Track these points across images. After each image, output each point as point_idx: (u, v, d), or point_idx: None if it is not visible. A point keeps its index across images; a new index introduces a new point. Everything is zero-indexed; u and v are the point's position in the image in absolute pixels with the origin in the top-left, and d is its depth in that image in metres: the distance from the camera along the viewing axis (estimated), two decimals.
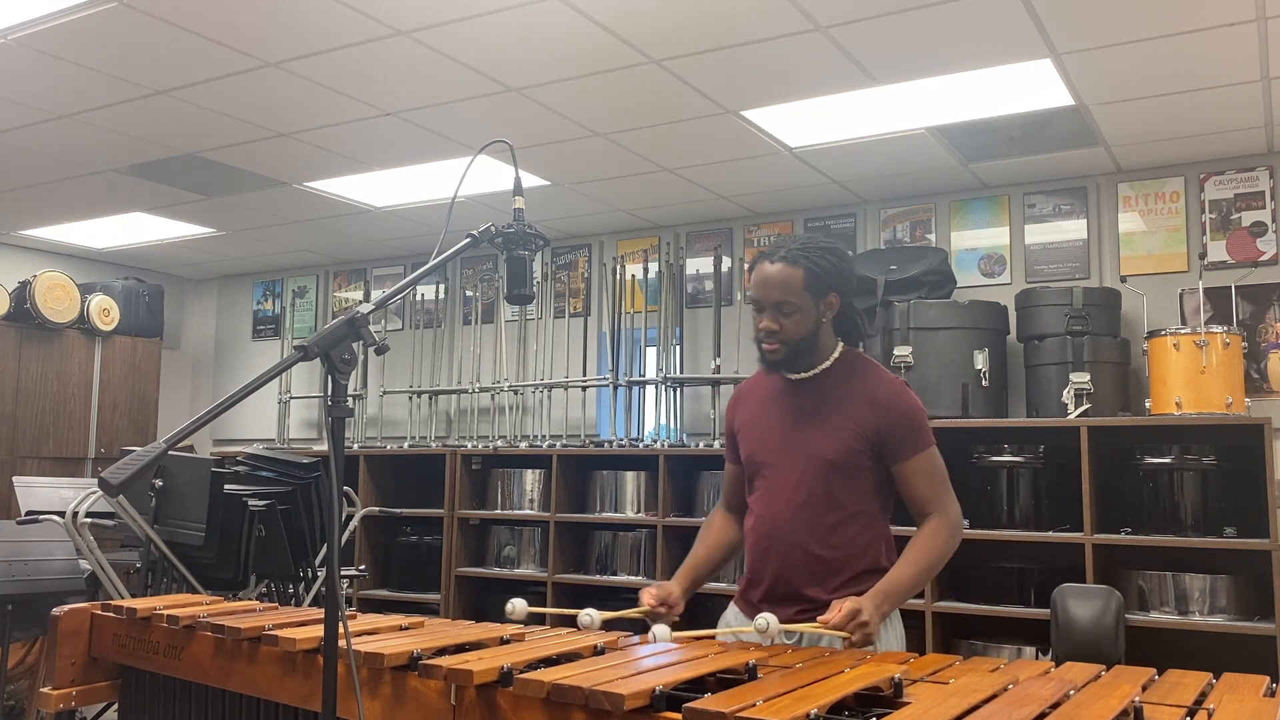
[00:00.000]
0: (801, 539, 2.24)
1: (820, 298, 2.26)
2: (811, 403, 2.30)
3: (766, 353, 2.28)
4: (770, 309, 2.25)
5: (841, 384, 2.29)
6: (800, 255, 2.24)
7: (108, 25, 3.42)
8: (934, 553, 2.21)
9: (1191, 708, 1.50)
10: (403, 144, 4.54)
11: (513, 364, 6.16)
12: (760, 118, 4.17)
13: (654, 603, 2.24)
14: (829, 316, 2.29)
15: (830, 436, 2.25)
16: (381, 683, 1.78)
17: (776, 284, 2.23)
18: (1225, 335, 4.03)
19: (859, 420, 2.24)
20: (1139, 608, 4.02)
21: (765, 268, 2.26)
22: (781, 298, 2.23)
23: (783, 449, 2.30)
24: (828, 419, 2.26)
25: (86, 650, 2.35)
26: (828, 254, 2.27)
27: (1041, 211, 4.96)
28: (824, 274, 2.24)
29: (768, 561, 2.28)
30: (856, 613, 2.01)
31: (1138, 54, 3.53)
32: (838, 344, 2.34)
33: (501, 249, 2.03)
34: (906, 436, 2.24)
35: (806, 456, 2.26)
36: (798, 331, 2.25)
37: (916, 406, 2.28)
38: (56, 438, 6.20)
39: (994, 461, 4.36)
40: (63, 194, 5.46)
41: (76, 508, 3.49)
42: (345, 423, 1.56)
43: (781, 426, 2.32)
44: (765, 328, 2.26)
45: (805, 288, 2.23)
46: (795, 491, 2.26)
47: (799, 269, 2.23)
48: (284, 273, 7.34)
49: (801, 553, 2.24)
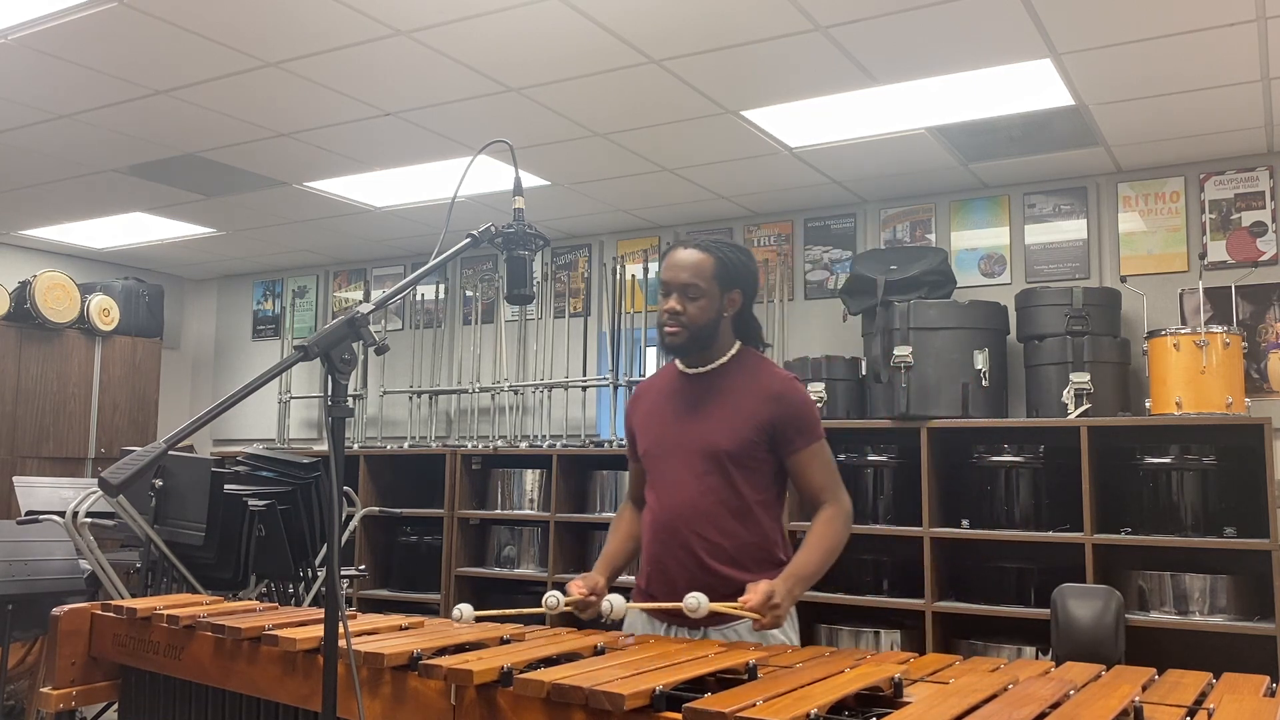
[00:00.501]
0: (701, 529, 2.29)
1: (726, 290, 2.34)
2: (707, 396, 2.36)
3: (667, 335, 2.34)
4: (677, 291, 2.32)
5: (736, 378, 2.36)
6: (713, 246, 2.35)
7: (108, 25, 3.42)
8: (833, 538, 2.29)
9: (1191, 708, 1.50)
10: (403, 144, 4.54)
11: (513, 364, 6.16)
12: (760, 118, 4.16)
13: (585, 592, 2.25)
14: (730, 312, 2.37)
15: (726, 428, 2.30)
16: (381, 683, 1.78)
17: (687, 267, 2.31)
18: (1225, 335, 4.03)
19: (754, 412, 2.29)
20: (1139, 608, 4.02)
21: (678, 252, 2.35)
22: (690, 280, 2.30)
23: (679, 442, 2.35)
24: (723, 411, 2.32)
25: (86, 650, 2.35)
26: (739, 252, 2.38)
27: (1041, 211, 4.96)
28: (732, 268, 2.34)
29: (669, 551, 2.32)
30: (770, 595, 2.07)
31: (1138, 54, 3.53)
32: (735, 342, 2.41)
33: (501, 249, 2.03)
34: (800, 428, 2.31)
35: (703, 448, 2.31)
36: (700, 317, 2.32)
37: (808, 400, 2.37)
38: (56, 438, 6.20)
39: (994, 461, 4.36)
40: (63, 194, 5.46)
41: (76, 508, 3.49)
42: (345, 423, 1.56)
43: (677, 420, 2.37)
44: (670, 309, 2.33)
45: (714, 275, 2.32)
46: (693, 483, 2.31)
47: (711, 256, 2.33)
48: (284, 273, 7.34)
49: (702, 542, 2.28)
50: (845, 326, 5.10)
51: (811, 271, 5.47)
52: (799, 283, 5.49)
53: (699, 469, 2.30)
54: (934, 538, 4.33)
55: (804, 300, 5.47)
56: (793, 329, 5.44)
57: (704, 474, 2.30)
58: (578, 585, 2.27)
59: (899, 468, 4.55)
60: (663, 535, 2.33)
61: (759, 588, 2.08)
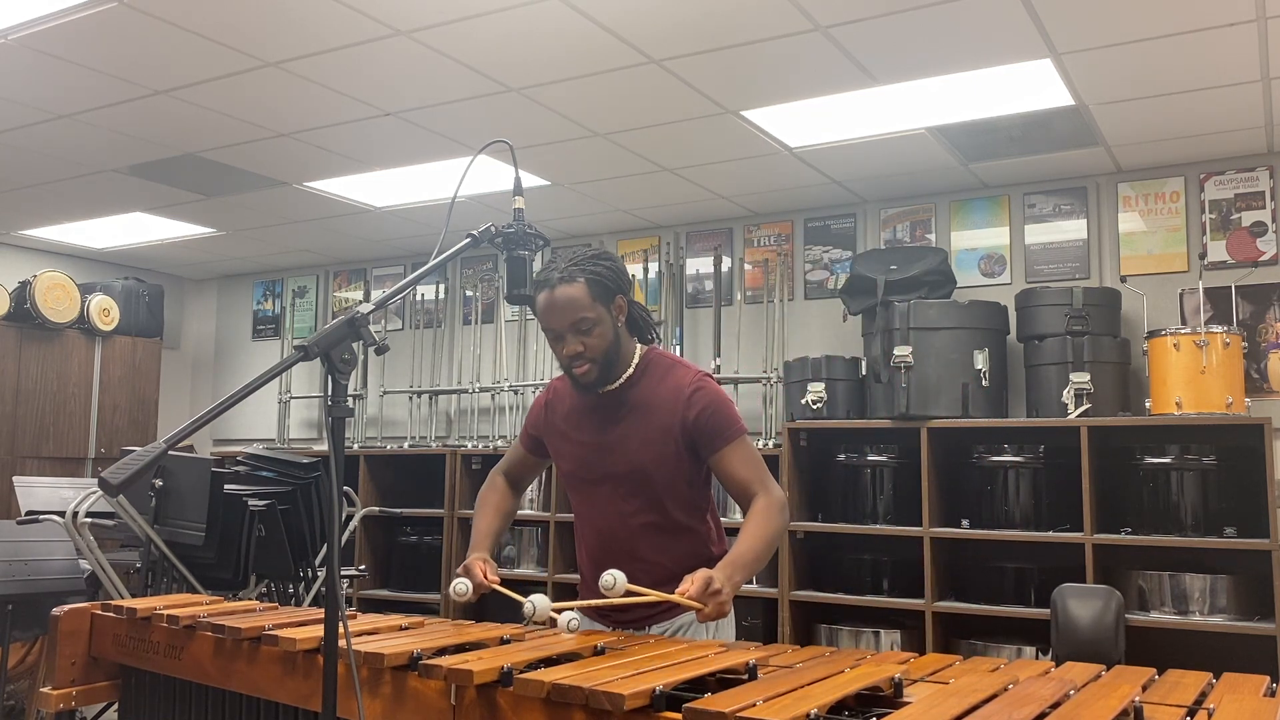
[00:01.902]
0: (637, 552, 2.27)
1: (609, 304, 2.26)
2: (619, 414, 2.31)
3: (578, 376, 2.27)
4: (569, 332, 2.23)
5: (647, 390, 2.30)
6: (576, 270, 2.22)
7: (108, 25, 3.42)
8: (770, 528, 2.20)
9: (1191, 708, 1.50)
10: (403, 144, 4.54)
11: (513, 364, 6.16)
12: (760, 118, 4.16)
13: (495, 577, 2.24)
14: (622, 320, 2.30)
15: (646, 447, 2.26)
16: (381, 683, 1.78)
17: (566, 306, 2.21)
18: (1225, 335, 4.03)
19: (669, 422, 2.25)
20: (1139, 608, 4.02)
21: (547, 296, 2.23)
22: (576, 316, 2.21)
23: (601, 467, 2.32)
24: (640, 428, 2.28)
25: (86, 650, 2.35)
26: (599, 260, 2.26)
27: (1041, 211, 4.96)
28: (605, 279, 2.24)
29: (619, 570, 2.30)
30: (710, 583, 2.01)
31: (1138, 54, 3.53)
32: (635, 346, 2.35)
33: (501, 249, 2.03)
34: (717, 428, 2.24)
35: (628, 472, 2.28)
36: (602, 344, 2.24)
37: (721, 398, 2.28)
38: (56, 438, 6.20)
39: (994, 461, 4.36)
40: (63, 194, 5.46)
41: (76, 508, 3.49)
42: (345, 423, 1.56)
43: (596, 444, 2.33)
44: (570, 353, 2.23)
45: (594, 299, 2.22)
46: (621, 507, 2.29)
47: (580, 283, 2.22)
48: (284, 273, 7.34)
49: (640, 564, 2.23)
50: (845, 326, 5.10)
51: (811, 271, 5.47)
52: (799, 283, 5.49)
53: (624, 492, 2.28)
54: (934, 538, 4.33)
55: (804, 300, 5.47)
56: (793, 329, 5.44)
57: (630, 497, 2.28)
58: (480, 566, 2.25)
59: (899, 468, 4.55)
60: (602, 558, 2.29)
61: (697, 576, 2.02)
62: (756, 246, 5.62)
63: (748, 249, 5.64)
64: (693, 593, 2.00)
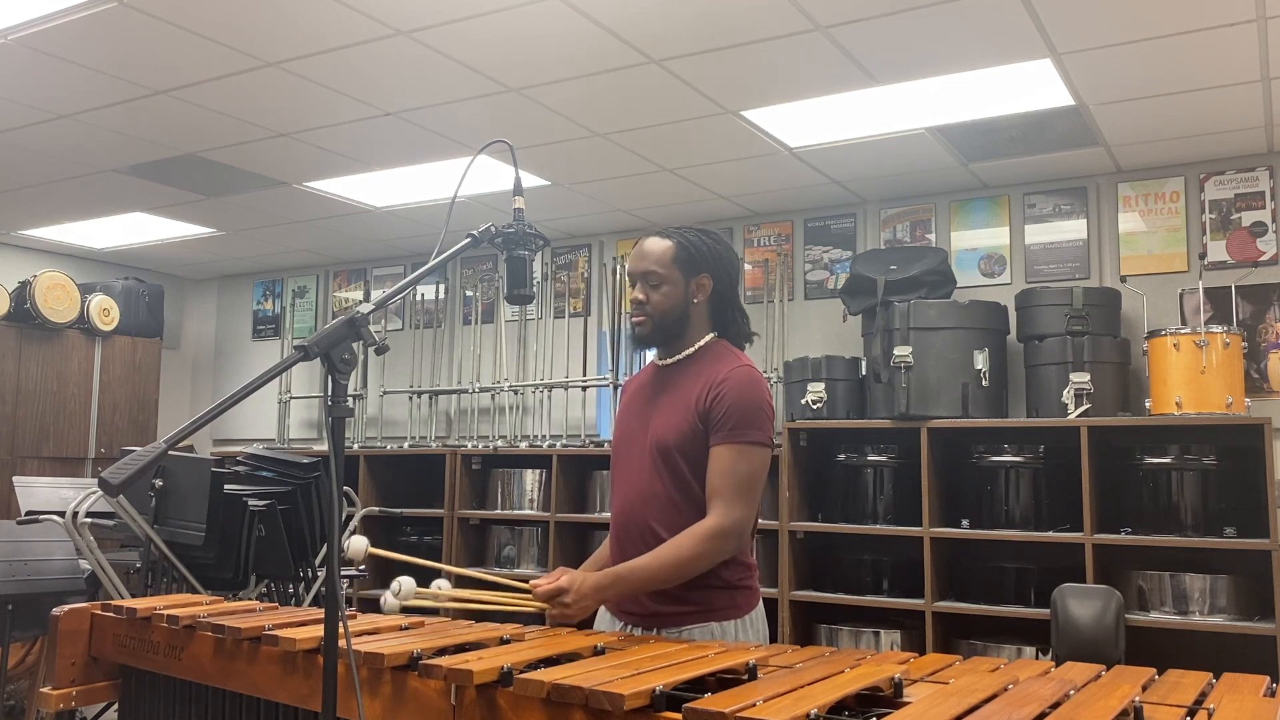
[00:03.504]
0: (655, 525, 2.22)
1: (691, 275, 2.26)
2: (666, 388, 2.31)
3: (634, 326, 2.29)
4: (640, 280, 2.27)
5: (696, 369, 2.28)
6: (675, 232, 2.29)
7: (108, 25, 3.42)
8: (689, 554, 2.11)
9: (1191, 708, 1.50)
10: (403, 144, 4.54)
11: (513, 364, 6.16)
12: (760, 118, 4.16)
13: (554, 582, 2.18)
14: (700, 298, 2.28)
15: (672, 420, 2.24)
16: (381, 683, 1.78)
17: (648, 255, 2.27)
18: (1225, 335, 4.03)
19: (694, 400, 2.22)
20: (1139, 608, 4.02)
21: (642, 242, 2.30)
22: (651, 267, 2.25)
23: (634, 437, 2.32)
24: (673, 403, 2.26)
25: (86, 650, 2.35)
26: (705, 236, 2.30)
27: (1041, 211, 4.96)
28: (695, 251, 2.26)
29: (631, 547, 2.27)
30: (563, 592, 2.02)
31: (1138, 54, 3.53)
32: (708, 333, 2.32)
33: (501, 249, 2.03)
34: (727, 421, 2.17)
35: (651, 442, 2.26)
36: (664, 304, 2.25)
37: (752, 399, 2.19)
38: (56, 438, 6.20)
39: (994, 461, 4.36)
40: (63, 194, 5.46)
41: (76, 508, 3.49)
42: (345, 423, 1.56)
43: (638, 415, 2.34)
44: (634, 299, 2.28)
45: (674, 260, 2.25)
46: (641, 477, 2.27)
47: (670, 241, 2.27)
48: (284, 273, 7.34)
49: (651, 538, 2.20)
50: (845, 326, 5.10)
51: (811, 271, 5.47)
52: (799, 283, 5.49)
53: (648, 464, 2.25)
54: (934, 538, 4.33)
55: (804, 300, 5.47)
56: (793, 329, 5.44)
57: (653, 469, 2.24)
58: None
59: (899, 468, 4.55)
60: (621, 533, 2.30)
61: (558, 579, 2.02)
62: (756, 246, 5.62)
63: (748, 249, 5.64)
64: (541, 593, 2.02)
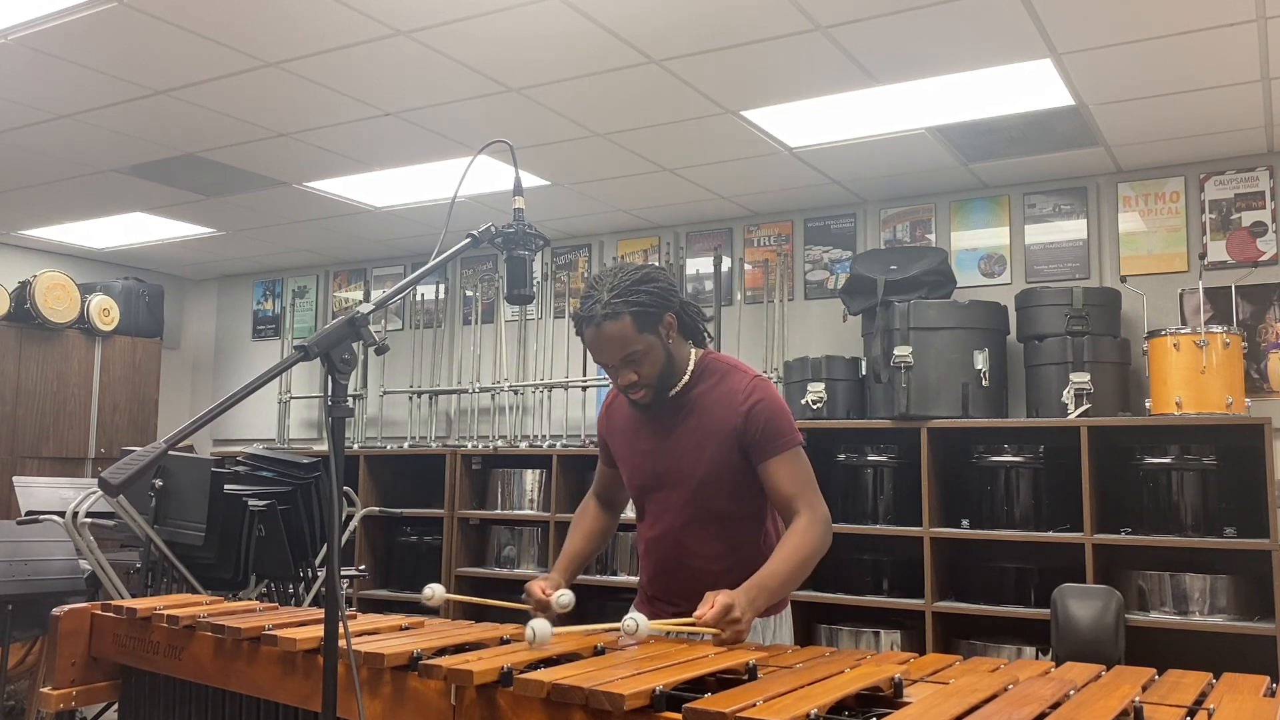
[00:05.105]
0: (694, 559, 2.28)
1: (657, 329, 2.22)
2: (679, 418, 2.30)
3: (636, 400, 2.28)
4: (620, 366, 2.22)
5: (704, 393, 2.28)
6: (620, 305, 2.16)
7: (108, 25, 3.42)
8: (807, 549, 2.17)
9: (1191, 708, 1.50)
10: (403, 144, 4.54)
11: (513, 364, 6.16)
12: (760, 118, 4.16)
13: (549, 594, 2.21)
14: (673, 335, 2.26)
15: (699, 452, 2.25)
16: (381, 683, 1.78)
17: (613, 342, 2.18)
18: (1225, 335, 4.03)
19: (723, 427, 2.23)
20: (1139, 608, 4.02)
21: (594, 333, 2.19)
22: (626, 351, 2.19)
23: (662, 472, 2.31)
24: (695, 434, 2.27)
25: (86, 650, 2.35)
26: (641, 287, 2.19)
27: (1041, 211, 4.96)
28: (650, 307, 2.19)
29: (670, 574, 2.33)
30: (729, 608, 1.98)
31: (1138, 54, 3.53)
32: (690, 352, 2.33)
33: (501, 249, 2.03)
34: (768, 435, 2.21)
35: (683, 476, 2.27)
36: (655, 369, 2.23)
37: (777, 405, 2.25)
38: (56, 438, 6.20)
39: (994, 461, 4.36)
40: (63, 194, 5.46)
41: (76, 508, 3.49)
42: (345, 423, 1.56)
43: (654, 449, 2.33)
44: (625, 383, 2.23)
45: (641, 330, 2.18)
46: (680, 513, 2.29)
47: (625, 318, 2.16)
48: (284, 273, 7.34)
49: (698, 570, 2.26)
50: (845, 326, 5.10)
51: (811, 271, 5.47)
52: (799, 283, 5.49)
53: (683, 500, 2.28)
54: (934, 538, 4.33)
55: (804, 300, 5.47)
56: (793, 329, 5.44)
57: (688, 504, 2.27)
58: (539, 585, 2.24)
59: (899, 468, 4.55)
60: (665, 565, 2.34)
61: (717, 599, 1.98)
62: (756, 246, 5.62)
63: (748, 249, 5.64)
64: (709, 618, 1.98)
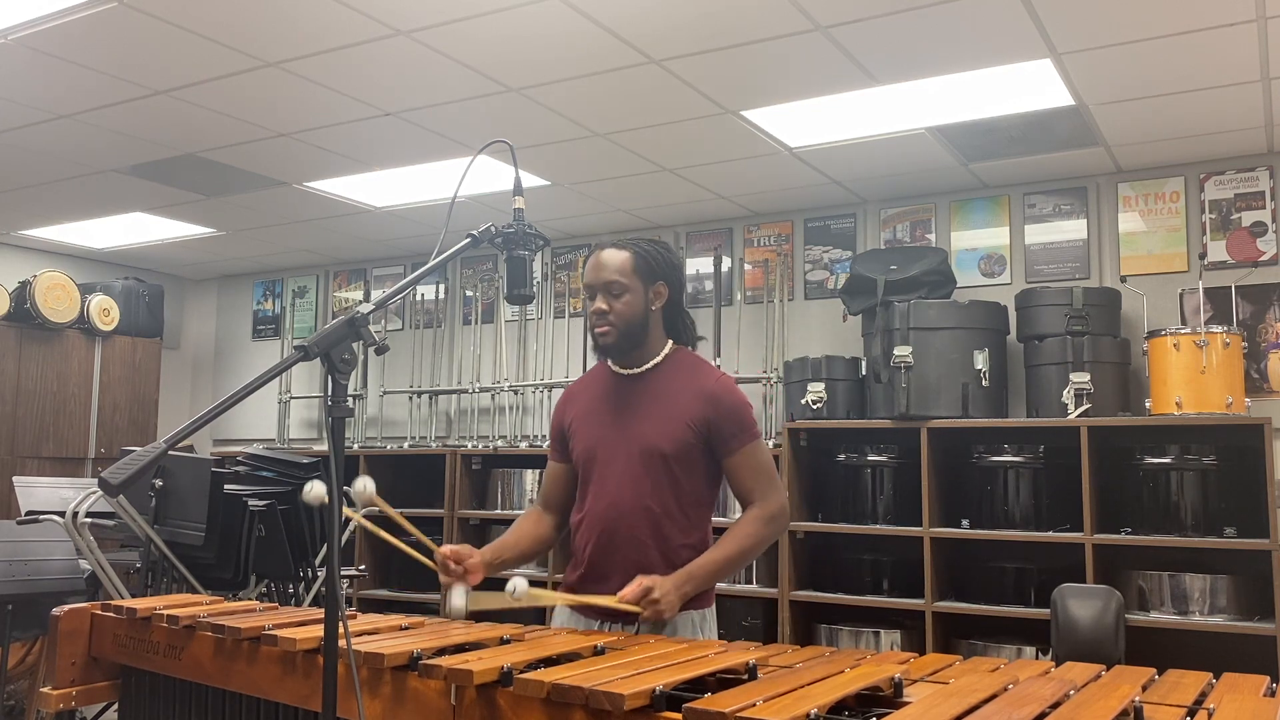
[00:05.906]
0: (639, 532, 2.29)
1: (649, 284, 2.35)
2: (643, 397, 2.36)
3: (598, 336, 2.36)
4: (601, 290, 2.33)
5: (671, 379, 2.37)
6: (630, 242, 2.38)
7: (108, 25, 3.42)
8: (747, 540, 2.27)
9: (1191, 708, 1.50)
10: (403, 144, 4.54)
11: (513, 364, 6.16)
12: (760, 118, 4.16)
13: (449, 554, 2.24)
14: (657, 305, 2.37)
15: (663, 428, 2.30)
16: (381, 683, 1.78)
17: (608, 265, 2.34)
18: (1225, 335, 4.03)
19: (690, 413, 2.30)
20: (1139, 608, 4.02)
21: (599, 254, 2.37)
22: (612, 278, 2.32)
23: (617, 443, 2.35)
24: (660, 412, 2.32)
25: (86, 650, 2.35)
26: (658, 246, 2.40)
27: (1041, 211, 4.96)
28: (652, 260, 2.35)
29: (606, 554, 2.31)
30: (649, 590, 2.09)
31: (1138, 54, 3.53)
32: (667, 342, 2.42)
33: (501, 249, 2.03)
34: (735, 429, 2.30)
35: (642, 449, 2.30)
36: (626, 313, 2.33)
37: (744, 401, 2.36)
38: (56, 438, 6.20)
39: (994, 461, 4.36)
40: (63, 194, 5.46)
41: (76, 508, 3.49)
42: (345, 423, 1.56)
43: (615, 422, 2.37)
44: (596, 309, 2.34)
45: (634, 270, 2.33)
46: (632, 485, 2.30)
47: (628, 251, 2.35)
48: (284, 273, 7.34)
49: (640, 545, 2.28)
50: (845, 326, 5.10)
51: (811, 271, 5.47)
52: (799, 283, 5.49)
53: (638, 471, 2.30)
54: (934, 538, 4.33)
55: (804, 300, 5.47)
56: (793, 329, 5.44)
57: (643, 476, 2.29)
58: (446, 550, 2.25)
59: (899, 468, 4.55)
60: (601, 538, 2.32)
61: (641, 581, 2.10)
62: (756, 246, 5.62)
63: (748, 249, 5.64)
64: (629, 596, 2.06)
